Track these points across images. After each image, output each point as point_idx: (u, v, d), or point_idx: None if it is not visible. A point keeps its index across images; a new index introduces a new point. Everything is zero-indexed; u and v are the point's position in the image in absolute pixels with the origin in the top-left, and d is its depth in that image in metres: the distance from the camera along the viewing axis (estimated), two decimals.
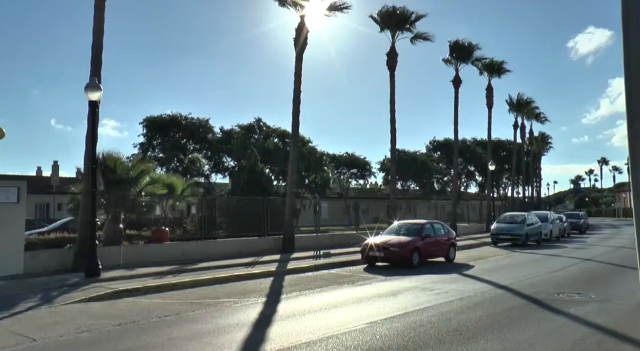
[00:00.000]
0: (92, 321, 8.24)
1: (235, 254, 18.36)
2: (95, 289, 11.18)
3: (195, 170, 44.53)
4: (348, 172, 59.71)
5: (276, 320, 8.33)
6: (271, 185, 30.68)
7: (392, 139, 29.48)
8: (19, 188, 14.09)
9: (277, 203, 23.17)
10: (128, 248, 16.29)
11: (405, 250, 15.98)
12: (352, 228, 30.56)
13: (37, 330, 7.67)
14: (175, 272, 13.99)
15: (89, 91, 13.75)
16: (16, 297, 10.36)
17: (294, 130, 22.28)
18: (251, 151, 29.53)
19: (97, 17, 15.74)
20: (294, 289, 11.69)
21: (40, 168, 54.64)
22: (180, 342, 6.80)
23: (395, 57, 29.41)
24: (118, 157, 17.79)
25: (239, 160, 38.16)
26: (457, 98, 36.07)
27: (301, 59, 21.91)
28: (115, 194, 16.94)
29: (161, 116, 47.27)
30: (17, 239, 13.93)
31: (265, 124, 48.06)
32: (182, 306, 9.54)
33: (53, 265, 14.37)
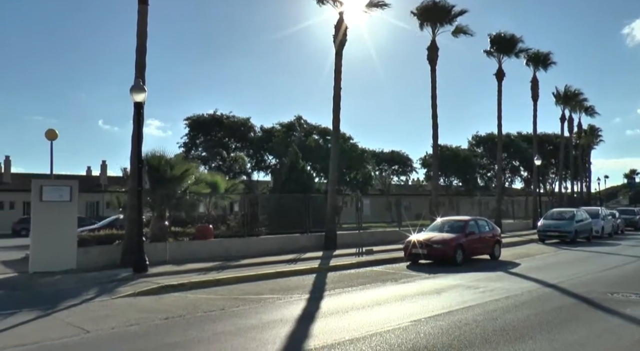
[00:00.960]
0: (141, 314, 8.49)
1: (277, 251, 18.53)
2: (143, 284, 11.51)
3: (237, 168, 45.20)
4: (389, 169, 59.29)
5: (319, 316, 8.34)
6: (312, 183, 30.81)
7: (434, 135, 29.08)
8: (71, 187, 14.66)
9: (318, 200, 23.24)
10: (173, 245, 16.70)
11: (448, 247, 15.73)
12: (394, 225, 30.32)
13: (90, 322, 7.97)
14: (219, 268, 14.24)
15: (134, 93, 14.13)
16: (71, 291, 10.82)
17: (334, 127, 22.27)
18: (292, 149, 29.70)
19: (140, 21, 16.14)
20: (337, 286, 11.69)
21: (90, 168, 56.80)
22: (225, 337, 6.91)
23: (436, 51, 28.97)
24: (162, 156, 18.22)
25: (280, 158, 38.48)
26: (500, 91, 35.24)
27: (341, 56, 21.86)
28: (160, 192, 17.38)
29: (203, 115, 48.19)
30: (70, 236, 14.51)
31: (305, 122, 48.26)
32: (227, 301, 9.70)
33: (103, 261, 14.90)
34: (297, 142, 39.47)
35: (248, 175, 47.21)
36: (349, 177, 45.52)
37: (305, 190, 25.85)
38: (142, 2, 16.09)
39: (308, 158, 38.09)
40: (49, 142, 19.46)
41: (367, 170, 47.25)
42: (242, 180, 34.99)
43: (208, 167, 43.80)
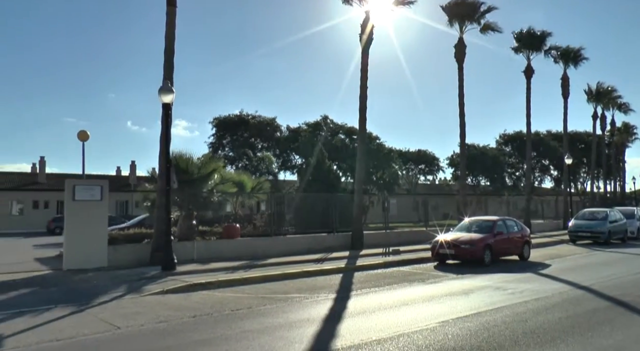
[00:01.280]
0: (169, 312, 8.62)
1: (304, 250, 18.58)
2: (172, 282, 11.68)
3: (264, 168, 45.47)
4: (416, 168, 58.89)
5: (346, 316, 8.32)
6: (339, 182, 30.74)
7: (461, 133, 28.75)
8: (101, 187, 14.99)
9: (345, 200, 23.20)
10: (201, 244, 16.90)
11: (476, 247, 15.52)
12: (421, 225, 30.05)
13: (121, 318, 8.13)
14: (246, 267, 14.35)
15: (163, 94, 14.34)
16: (102, 288, 11.07)
17: (360, 127, 22.20)
18: (318, 148, 29.70)
19: (169, 23, 16.36)
20: (364, 286, 11.66)
21: (120, 168, 57.91)
22: (252, 335, 6.96)
23: (463, 49, 28.63)
24: (190, 156, 18.44)
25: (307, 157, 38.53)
26: (529, 89, 34.61)
27: (367, 55, 21.77)
28: (188, 192, 17.60)
29: (230, 115, 48.62)
30: (101, 234, 14.83)
31: (332, 121, 48.26)
32: (254, 300, 9.76)
33: (132, 259, 15.16)
34: (323, 141, 39.44)
35: (274, 175, 47.45)
36: (375, 176, 45.32)
37: (332, 189, 25.82)
38: (170, 4, 16.32)
39: (334, 158, 38.04)
40: (81, 143, 19.93)
41: (393, 170, 46.97)
42: (269, 180, 35.18)
43: (235, 166, 44.23)
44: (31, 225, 43.53)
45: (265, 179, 32.72)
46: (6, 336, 7.08)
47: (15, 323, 7.89)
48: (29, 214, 46.42)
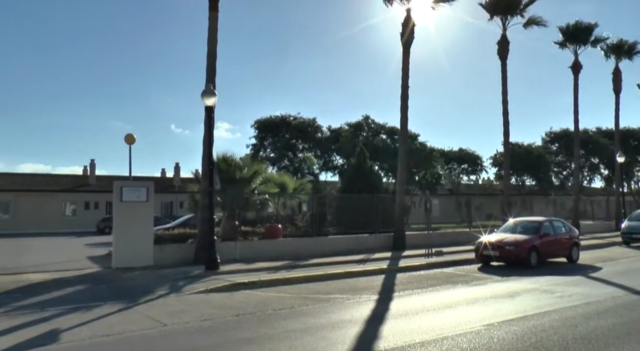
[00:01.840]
0: (213, 310, 8.78)
1: (345, 251, 18.57)
2: (215, 281, 11.89)
3: (305, 168, 45.72)
4: (459, 168, 57.94)
5: (389, 318, 8.27)
6: (380, 183, 30.60)
7: (504, 132, 28.08)
8: (147, 188, 15.42)
9: (386, 200, 23.06)
10: (243, 244, 17.14)
11: (522, 249, 15.13)
12: (464, 225, 29.55)
13: (167, 316, 8.34)
14: (288, 267, 14.46)
15: (205, 97, 14.62)
16: (149, 286, 11.38)
17: (402, 126, 22.00)
18: (360, 149, 29.64)
19: (211, 27, 16.67)
20: (406, 287, 11.55)
21: (164, 170, 59.43)
22: (295, 335, 7.00)
23: (506, 45, 27.95)
24: (232, 158, 18.76)
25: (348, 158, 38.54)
26: (576, 85, 33.42)
27: (408, 54, 21.56)
28: (230, 193, 17.89)
29: (271, 117, 49.10)
30: (147, 234, 15.26)
31: (373, 121, 48.08)
32: (296, 300, 9.83)
33: (177, 258, 15.52)
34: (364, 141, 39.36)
35: (316, 176, 47.64)
36: (417, 176, 44.88)
37: (373, 190, 25.70)
38: (213, 9, 16.63)
39: (376, 158, 37.92)
40: (128, 146, 20.56)
41: (435, 170, 46.42)
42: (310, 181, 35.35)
43: (276, 167, 44.65)
44: (82, 225, 45.23)
45: (307, 180, 32.90)
46: (63, 331, 7.41)
47: (70, 318, 8.24)
48: (80, 215, 48.26)
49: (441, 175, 51.08)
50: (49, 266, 15.23)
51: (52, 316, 8.45)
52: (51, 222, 45.43)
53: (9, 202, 45.71)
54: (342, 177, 36.11)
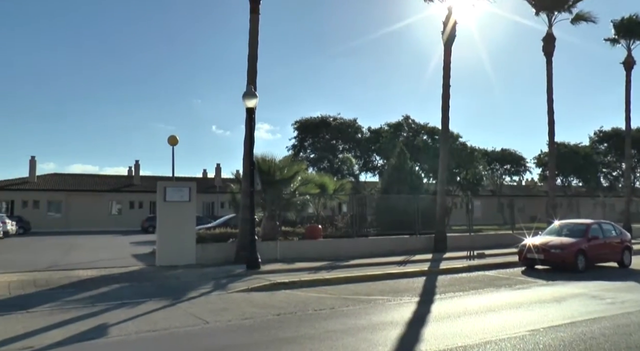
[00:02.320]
0: (255, 309, 8.88)
1: (386, 252, 18.46)
2: (256, 280, 12.03)
3: (345, 169, 45.68)
4: (501, 168, 56.66)
5: (430, 320, 8.16)
6: (421, 183, 30.20)
7: (549, 131, 27.28)
8: (190, 188, 15.74)
9: (427, 201, 22.78)
10: (284, 244, 17.26)
11: (568, 252, 14.65)
12: (507, 227, 28.90)
13: (209, 313, 8.49)
14: (328, 268, 14.48)
15: (247, 99, 14.80)
16: (191, 284, 11.61)
17: (443, 126, 21.68)
18: (400, 149, 29.40)
19: (252, 30, 16.86)
20: (448, 290, 11.38)
21: (206, 171, 60.56)
22: (336, 335, 7.00)
23: (552, 41, 27.14)
24: (272, 159, 18.94)
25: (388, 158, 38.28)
26: (628, 82, 32.13)
27: (449, 52, 21.23)
28: (271, 193, 18.06)
29: (311, 118, 49.27)
30: (190, 233, 15.58)
31: (413, 121, 47.60)
32: (336, 301, 9.83)
33: (219, 257, 15.78)
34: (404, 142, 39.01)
35: (355, 177, 47.57)
36: (458, 177, 44.18)
37: (414, 190, 25.44)
38: (254, 12, 16.82)
39: (416, 159, 37.54)
40: (171, 147, 21.05)
41: (477, 170, 45.57)
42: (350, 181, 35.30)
43: (316, 168, 44.78)
44: (127, 224, 46.63)
45: (347, 181, 32.85)
46: (111, 325, 7.67)
47: (117, 313, 8.51)
48: (125, 214, 49.76)
49: (483, 175, 50.07)
50: (97, 263, 15.79)
51: (100, 311, 8.75)
52: (98, 220, 47.06)
53: (61, 202, 47.61)
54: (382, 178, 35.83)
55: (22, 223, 37.89)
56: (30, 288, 11.08)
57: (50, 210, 47.19)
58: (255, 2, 16.83)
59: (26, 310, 8.79)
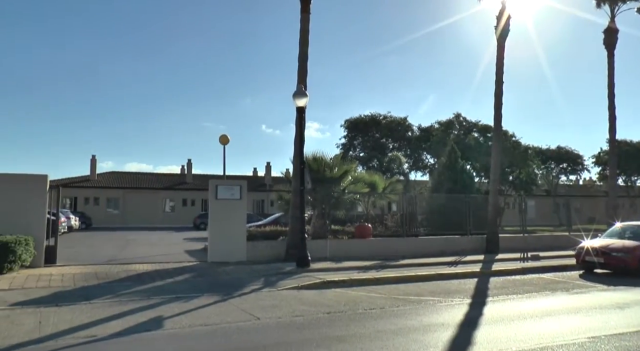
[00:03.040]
0: (305, 307, 8.95)
1: (436, 252, 18.20)
2: (306, 278, 12.11)
3: (394, 168, 45.32)
4: (557, 167, 54.60)
5: (483, 323, 7.97)
6: (472, 182, 29.58)
7: (610, 128, 26.10)
8: (240, 186, 16.03)
9: (478, 201, 22.30)
10: (333, 242, 17.29)
11: (632, 256, 13.93)
12: (563, 229, 27.88)
13: (260, 310, 8.63)
14: (378, 267, 14.41)
15: (297, 98, 14.90)
16: (242, 280, 11.84)
17: (496, 124, 21.11)
18: (450, 147, 28.89)
19: (302, 29, 16.94)
20: (501, 292, 11.09)
21: (256, 169, 61.45)
22: (386, 336, 6.96)
23: (614, 33, 25.95)
24: (322, 158, 19.01)
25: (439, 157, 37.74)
26: None
27: (503, 48, 20.64)
28: (321, 192, 18.13)
29: (361, 116, 49.12)
30: (240, 230, 15.86)
31: (464, 119, 46.68)
32: (386, 300, 9.77)
33: (269, 255, 15.99)
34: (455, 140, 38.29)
35: (405, 175, 47.11)
36: (511, 176, 42.96)
37: (465, 190, 24.95)
38: (304, 11, 16.91)
39: (467, 157, 36.79)
40: (222, 146, 21.54)
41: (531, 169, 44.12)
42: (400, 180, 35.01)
43: (366, 167, 44.66)
44: (180, 221, 47.99)
45: (397, 179, 32.60)
46: (165, 318, 7.94)
47: (172, 307, 8.78)
48: (178, 211, 51.24)
49: (537, 174, 48.42)
50: (152, 258, 16.33)
51: (156, 304, 9.06)
52: (153, 217, 48.71)
53: (119, 199, 49.57)
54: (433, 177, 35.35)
55: (84, 219, 39.72)
56: (92, 280, 11.61)
57: (109, 206, 49.21)
58: (306, 2, 16.91)
59: (89, 301, 9.24)
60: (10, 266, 12.23)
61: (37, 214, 13.90)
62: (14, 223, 13.30)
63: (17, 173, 14.27)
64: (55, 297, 9.56)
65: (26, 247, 12.78)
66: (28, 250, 12.93)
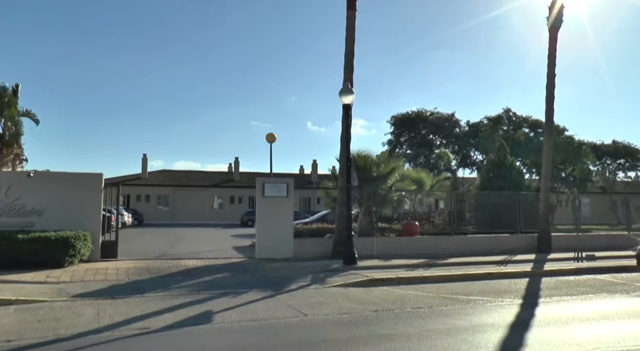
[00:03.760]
0: (352, 304, 8.94)
1: (485, 251, 17.80)
2: (353, 276, 12.10)
3: (441, 165, 44.66)
4: (613, 163, 52.32)
5: (535, 325, 7.73)
6: (522, 179, 28.78)
7: None
8: (287, 184, 16.19)
9: (529, 198, 21.67)
10: (380, 240, 17.21)
11: None
12: (621, 228, 26.69)
13: (307, 306, 8.69)
14: (426, 265, 14.24)
15: (343, 95, 14.88)
16: (289, 277, 11.95)
17: (547, 119, 20.37)
18: (500, 143, 28.19)
19: (348, 26, 16.86)
20: (554, 293, 10.72)
21: (302, 167, 61.86)
22: (434, 335, 6.87)
23: None
24: (368, 155, 18.94)
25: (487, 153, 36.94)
26: None
27: (555, 39, 19.85)
28: (367, 189, 18.07)
29: (407, 113, 48.59)
30: (287, 227, 16.02)
31: (514, 114, 45.45)
32: (434, 299, 9.64)
33: (315, 252, 16.07)
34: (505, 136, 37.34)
35: (453, 172, 46.34)
36: (564, 173, 41.52)
37: (514, 187, 24.31)
38: (350, 8, 16.85)
39: (517, 154, 35.83)
40: (269, 144, 21.80)
41: (585, 165, 42.51)
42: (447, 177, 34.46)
43: (412, 164, 44.21)
44: (228, 218, 48.93)
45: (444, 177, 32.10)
46: (215, 312, 8.13)
47: (221, 302, 8.98)
48: (226, 208, 52.25)
49: (592, 171, 46.59)
50: (201, 254, 16.73)
51: (205, 298, 9.28)
52: (201, 214, 49.86)
53: (169, 196, 51.02)
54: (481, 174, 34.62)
55: (136, 216, 41.17)
56: (145, 274, 12.01)
57: (160, 203, 50.73)
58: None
59: (142, 294, 9.57)
60: (70, 260, 12.87)
61: (93, 211, 14.49)
62: (73, 219, 13.93)
63: (74, 172, 14.94)
64: (111, 290, 9.98)
65: (84, 242, 13.41)
66: (86, 244, 13.56)
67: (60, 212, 13.96)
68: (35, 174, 14.72)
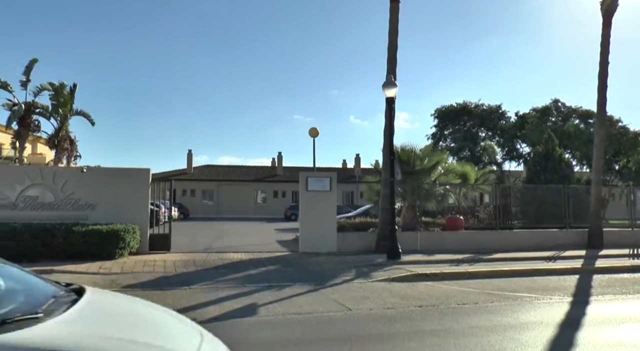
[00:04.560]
0: (396, 299, 8.90)
1: (532, 246, 17.33)
2: (397, 270, 12.04)
3: (486, 158, 43.73)
4: None
5: (586, 324, 7.48)
6: (572, 172, 27.86)
7: None
8: (330, 178, 16.21)
9: (579, 192, 20.94)
10: (424, 235, 17.02)
11: None
12: None
13: (351, 301, 8.70)
14: (471, 261, 14.01)
15: (386, 88, 14.77)
16: (333, 271, 12.00)
17: (599, 109, 19.51)
18: (548, 135, 27.34)
19: (392, 18, 16.70)
20: (606, 291, 10.34)
21: (345, 161, 61.78)
22: (480, 332, 6.76)
23: None
24: (412, 149, 18.74)
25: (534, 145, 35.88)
26: None
27: (609, 25, 18.92)
28: (411, 183, 17.90)
29: (451, 105, 47.75)
30: (331, 222, 16.06)
31: (563, 105, 43.95)
32: (480, 295, 9.47)
33: (359, 246, 16.06)
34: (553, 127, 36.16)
35: (498, 165, 45.31)
36: (617, 165, 39.90)
37: (563, 180, 23.55)
38: (394, 1, 16.66)
39: (566, 145, 34.67)
40: (312, 138, 21.90)
41: None
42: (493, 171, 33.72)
43: (457, 157, 43.47)
44: (271, 212, 49.48)
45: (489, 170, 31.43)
46: (259, 305, 8.27)
47: (265, 295, 9.11)
48: (269, 202, 52.85)
49: None
50: (245, 248, 17.01)
51: (250, 291, 9.44)
52: (245, 208, 50.61)
53: (213, 190, 52.06)
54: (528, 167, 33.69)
55: (182, 210, 42.22)
56: (191, 267, 12.32)
57: (205, 198, 51.82)
58: None
59: (188, 286, 9.83)
60: (121, 252, 13.35)
61: (141, 205, 14.96)
62: (122, 213, 14.43)
63: (123, 167, 15.44)
64: (159, 282, 10.30)
65: (133, 234, 13.89)
66: (135, 237, 14.04)
67: (110, 205, 14.49)
68: (88, 170, 15.32)
